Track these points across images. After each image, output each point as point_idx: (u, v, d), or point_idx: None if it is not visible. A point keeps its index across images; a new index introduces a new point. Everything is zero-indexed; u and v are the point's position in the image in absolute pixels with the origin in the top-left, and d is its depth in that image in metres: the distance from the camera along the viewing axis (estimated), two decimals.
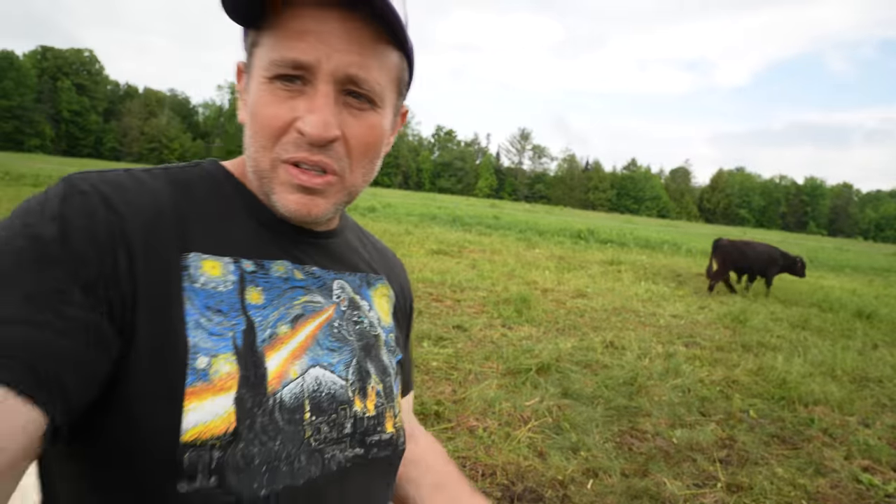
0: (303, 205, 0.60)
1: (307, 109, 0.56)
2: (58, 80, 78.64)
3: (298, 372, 0.61)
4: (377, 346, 0.72)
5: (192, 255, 0.57)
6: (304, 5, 0.56)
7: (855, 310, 8.57)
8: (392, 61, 0.61)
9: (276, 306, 0.62)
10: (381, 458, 0.68)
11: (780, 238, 42.67)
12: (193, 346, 0.54)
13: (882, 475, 3.25)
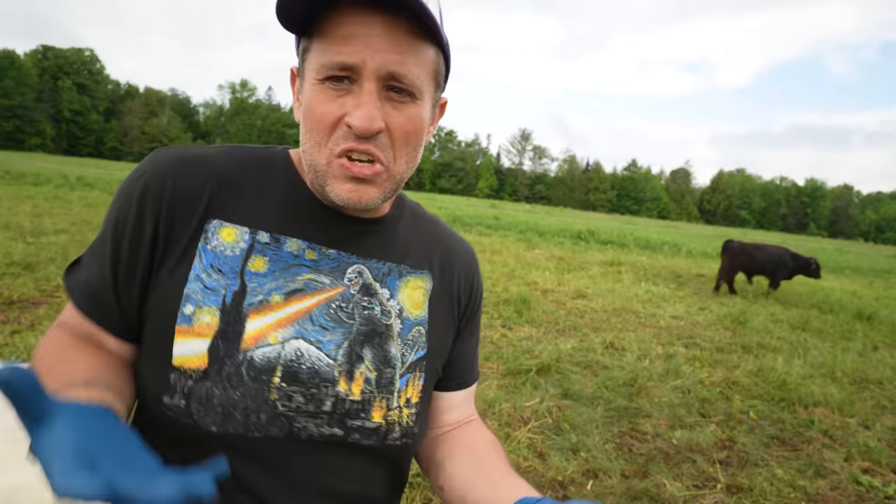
0: (354, 192, 0.66)
1: (354, 105, 0.63)
2: (59, 79, 78.71)
3: (278, 339, 0.68)
4: (386, 335, 0.74)
5: (214, 222, 0.69)
6: (347, 12, 0.62)
7: (855, 311, 8.56)
8: (429, 56, 0.66)
9: (276, 277, 0.69)
10: (363, 444, 0.71)
11: (780, 239, 42.65)
12: (186, 295, 0.67)
13: (882, 477, 3.25)
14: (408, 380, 0.75)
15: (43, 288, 4.96)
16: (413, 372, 0.76)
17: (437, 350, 0.80)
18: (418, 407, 0.77)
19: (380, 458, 0.74)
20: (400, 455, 0.77)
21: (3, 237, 6.85)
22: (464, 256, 0.87)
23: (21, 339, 3.69)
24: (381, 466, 0.75)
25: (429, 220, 0.87)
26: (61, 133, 78.10)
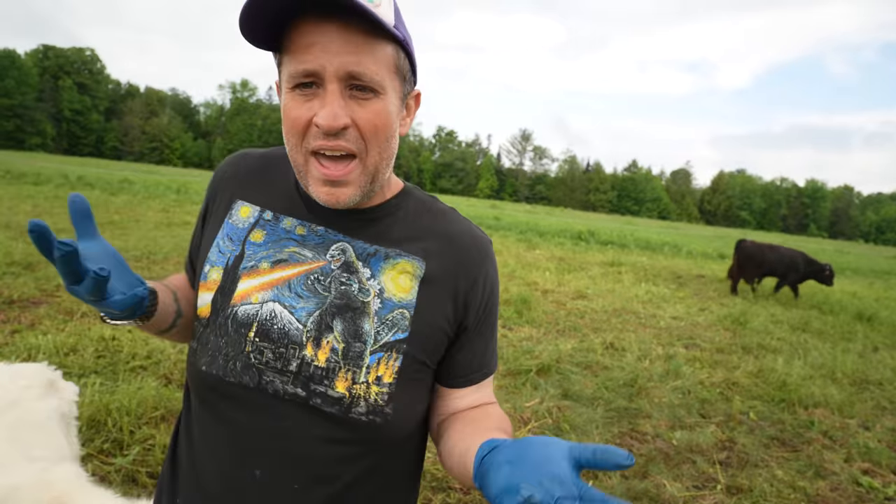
0: (331, 194, 0.74)
1: (320, 106, 0.70)
2: (59, 78, 78.65)
3: (259, 300, 0.79)
4: (360, 311, 0.78)
5: (238, 202, 0.86)
6: (306, 23, 0.69)
7: (855, 312, 8.56)
8: (386, 53, 0.72)
9: (268, 248, 0.81)
10: (325, 411, 0.76)
11: (780, 240, 42.69)
12: (207, 258, 0.84)
13: (882, 478, 3.25)
14: (380, 358, 0.77)
15: (43, 287, 4.96)
16: (388, 352, 0.78)
17: (420, 336, 0.80)
18: (392, 388, 0.77)
19: (343, 429, 0.77)
20: (370, 433, 0.78)
21: (4, 237, 6.85)
22: (472, 250, 0.85)
23: (21, 338, 3.69)
24: (346, 439, 0.77)
25: (438, 213, 0.88)
26: (62, 133, 78.04)
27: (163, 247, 7.54)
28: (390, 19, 0.70)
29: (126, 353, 3.66)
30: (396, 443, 0.83)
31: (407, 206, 0.86)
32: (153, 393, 3.08)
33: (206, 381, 0.79)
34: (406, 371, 0.79)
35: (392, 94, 0.74)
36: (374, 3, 0.68)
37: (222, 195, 0.88)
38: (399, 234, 0.83)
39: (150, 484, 2.41)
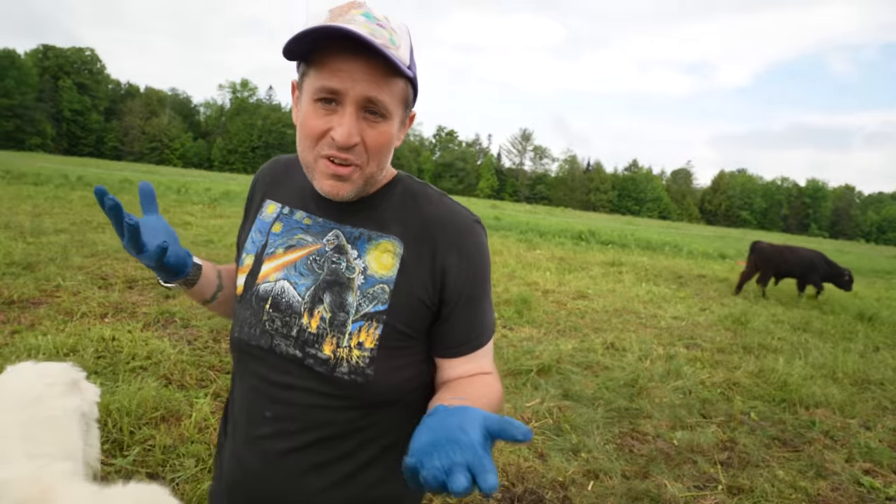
0: (333, 186, 0.87)
1: (338, 123, 0.83)
2: (59, 78, 78.61)
3: (274, 279, 0.96)
4: (346, 286, 0.92)
5: (267, 201, 1.04)
6: (336, 50, 0.81)
7: (856, 312, 8.55)
8: (398, 87, 0.86)
9: (284, 236, 0.98)
10: (316, 370, 0.91)
11: (781, 240, 42.63)
12: (244, 247, 1.03)
13: (883, 478, 3.24)
14: (361, 326, 0.90)
15: (43, 288, 4.96)
16: (368, 321, 0.90)
17: (399, 308, 0.91)
18: (373, 353, 0.90)
19: (329, 385, 0.91)
20: (353, 391, 0.90)
21: (4, 237, 6.84)
22: (448, 228, 0.93)
23: (21, 338, 3.68)
24: (333, 394, 0.91)
25: (423, 197, 0.97)
26: (61, 133, 78.00)
27: None
28: (406, 60, 0.84)
29: (126, 354, 3.66)
30: (382, 402, 0.93)
31: (394, 193, 0.97)
32: (153, 393, 3.08)
33: (237, 345, 0.99)
34: (387, 339, 0.90)
35: (396, 119, 0.88)
36: (395, 45, 0.82)
37: (257, 195, 1.07)
38: (383, 219, 0.94)
39: None
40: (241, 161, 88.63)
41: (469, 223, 0.96)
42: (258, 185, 1.08)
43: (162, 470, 2.52)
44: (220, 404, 3.21)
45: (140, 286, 5.49)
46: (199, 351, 3.96)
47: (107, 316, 4.46)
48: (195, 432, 2.84)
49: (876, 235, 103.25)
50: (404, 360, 0.94)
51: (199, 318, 4.66)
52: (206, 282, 1.03)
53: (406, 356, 0.94)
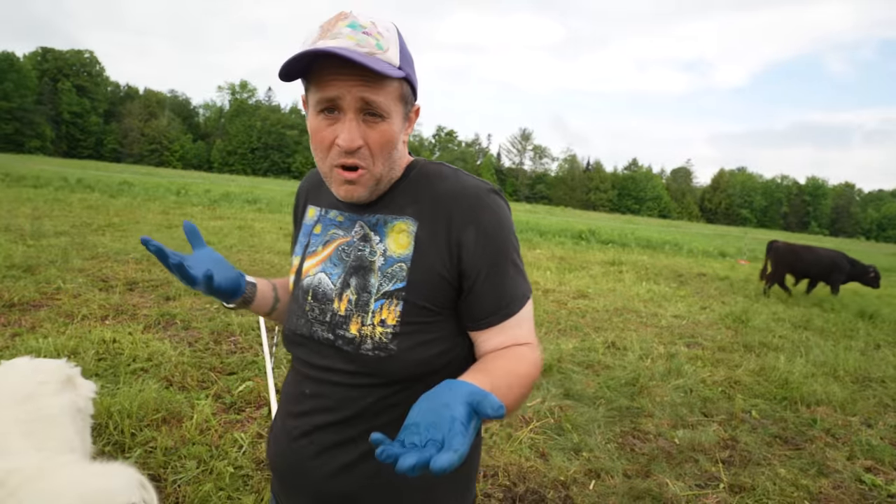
0: (347, 192, 0.95)
1: (341, 131, 0.90)
2: (58, 81, 78.58)
3: (314, 272, 1.04)
4: (369, 269, 0.97)
5: (309, 206, 1.13)
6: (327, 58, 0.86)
7: (857, 310, 8.55)
8: (392, 86, 0.90)
9: (322, 234, 1.06)
10: (345, 350, 0.96)
11: (781, 238, 42.53)
12: (293, 251, 1.13)
13: (885, 475, 3.24)
14: (382, 304, 0.95)
15: (43, 290, 4.96)
16: (389, 299, 0.94)
17: (418, 284, 0.94)
18: (395, 329, 0.94)
19: (356, 363, 0.96)
20: (379, 366, 0.94)
21: (4, 239, 6.85)
22: (462, 201, 0.95)
23: (22, 341, 3.68)
24: (360, 371, 0.96)
25: (437, 175, 1.00)
26: (61, 135, 77.96)
27: None
28: (395, 60, 0.88)
29: (127, 356, 3.66)
30: (410, 377, 0.96)
31: (409, 177, 1.01)
32: (154, 395, 3.08)
33: (287, 335, 1.07)
34: (408, 315, 0.94)
35: (396, 117, 0.92)
36: (382, 49, 0.87)
37: (300, 204, 1.17)
38: (398, 202, 0.99)
39: (152, 486, 2.40)
40: (240, 162, 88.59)
41: (483, 193, 0.96)
42: (301, 195, 1.18)
43: (163, 472, 2.52)
44: (221, 406, 3.21)
45: (140, 288, 5.49)
46: (200, 352, 3.96)
47: (107, 318, 4.46)
48: (196, 434, 2.84)
49: (876, 233, 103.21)
50: (431, 335, 0.96)
51: (199, 320, 4.66)
52: (263, 298, 1.12)
53: (432, 331, 0.96)
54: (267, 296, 1.13)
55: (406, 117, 0.97)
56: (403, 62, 0.91)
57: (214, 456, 2.67)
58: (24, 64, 73.40)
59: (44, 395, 1.74)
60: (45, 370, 1.86)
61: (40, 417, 1.66)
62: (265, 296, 1.13)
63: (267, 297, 1.13)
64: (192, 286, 0.96)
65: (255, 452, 2.75)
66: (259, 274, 5.54)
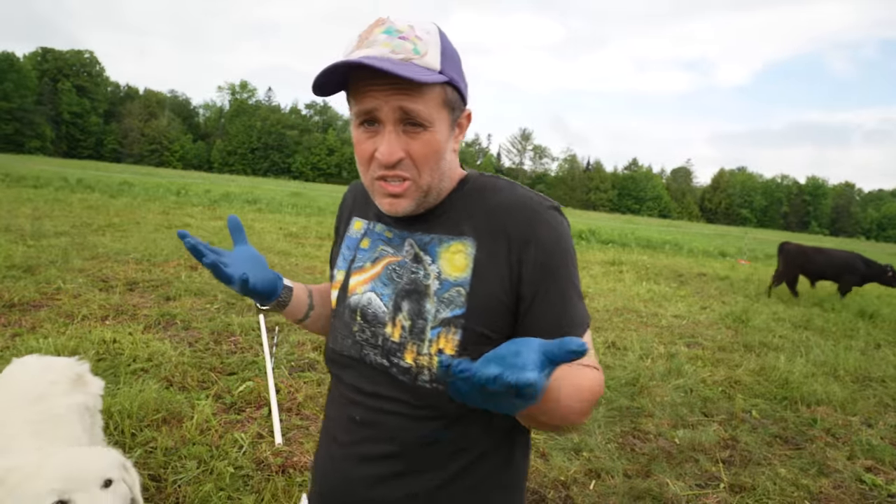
0: (391, 205, 0.89)
1: (380, 143, 0.85)
2: (58, 81, 78.60)
3: (362, 291, 0.98)
4: (424, 293, 0.91)
5: (354, 218, 1.07)
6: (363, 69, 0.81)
7: (857, 310, 8.54)
8: (433, 93, 0.84)
9: (370, 250, 1.00)
10: (399, 379, 0.90)
11: (781, 238, 42.54)
12: (336, 264, 1.06)
13: (885, 475, 3.24)
14: (440, 332, 0.88)
15: (44, 290, 4.96)
16: (447, 327, 0.88)
17: (478, 311, 0.87)
18: (434, 350, 0.88)
19: (413, 394, 0.90)
20: (436, 399, 0.88)
21: (4, 240, 6.85)
22: (519, 218, 0.89)
23: (22, 341, 3.68)
24: (417, 404, 0.90)
25: (490, 190, 0.95)
26: (61, 135, 77.98)
27: (163, 249, 7.53)
28: (435, 64, 0.83)
29: (127, 356, 3.66)
30: (466, 412, 0.88)
31: (462, 192, 0.96)
32: (154, 395, 3.08)
33: (330, 355, 1.03)
34: (467, 343, 0.87)
35: (440, 125, 0.86)
36: (419, 54, 0.81)
37: (345, 213, 1.11)
38: (452, 220, 0.93)
39: (153, 486, 2.40)
40: (240, 162, 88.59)
41: (543, 209, 0.91)
42: (346, 205, 1.12)
43: (164, 472, 2.52)
44: (221, 406, 3.21)
45: (141, 288, 5.49)
46: (201, 353, 3.96)
47: (108, 318, 4.46)
48: (197, 434, 2.84)
49: (876, 233, 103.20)
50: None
51: (199, 321, 4.66)
52: (298, 302, 1.07)
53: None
54: (302, 301, 1.08)
55: (454, 124, 0.90)
56: (446, 65, 0.85)
57: (215, 456, 2.67)
58: (24, 64, 73.40)
59: (54, 395, 1.76)
60: (55, 369, 1.88)
61: (51, 417, 1.67)
62: (300, 301, 1.07)
63: (302, 302, 1.08)
64: (228, 285, 0.91)
65: (256, 452, 2.75)
66: None
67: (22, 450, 1.50)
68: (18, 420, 1.61)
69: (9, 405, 1.67)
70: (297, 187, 37.42)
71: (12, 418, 1.62)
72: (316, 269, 7.60)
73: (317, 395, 3.46)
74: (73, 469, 1.32)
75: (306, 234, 11.61)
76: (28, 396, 1.70)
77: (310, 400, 3.39)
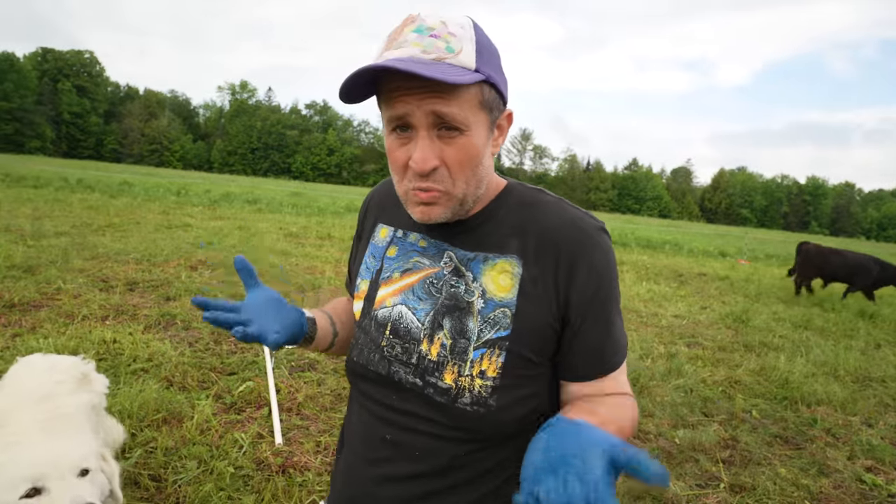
0: (424, 213, 0.84)
1: (414, 150, 0.79)
2: (58, 81, 78.64)
3: (391, 304, 0.92)
4: (466, 310, 0.86)
5: (380, 225, 1.02)
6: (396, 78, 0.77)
7: (857, 309, 8.54)
8: (468, 94, 0.78)
9: (399, 260, 0.95)
10: (437, 400, 0.86)
11: (781, 238, 42.54)
12: (359, 273, 1.02)
13: (885, 475, 3.24)
14: (483, 353, 0.84)
15: (44, 291, 4.96)
16: (490, 348, 0.84)
17: (523, 333, 0.84)
18: (496, 382, 0.84)
19: (450, 416, 0.85)
20: (475, 422, 0.84)
21: (4, 240, 6.85)
22: (571, 240, 0.85)
23: (22, 341, 3.68)
24: (454, 425, 0.86)
25: (538, 206, 0.90)
26: (61, 136, 78.02)
27: (163, 249, 7.53)
28: (471, 62, 0.77)
29: (127, 356, 3.66)
30: (506, 433, 0.87)
31: (507, 205, 0.91)
32: (155, 395, 3.08)
33: (354, 369, 0.97)
34: (510, 366, 0.84)
35: (478, 128, 0.80)
36: (453, 52, 0.76)
37: (369, 219, 1.06)
38: (497, 236, 0.89)
39: (153, 486, 2.40)
40: (240, 162, 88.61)
41: (594, 231, 0.87)
42: (369, 209, 1.07)
43: (164, 472, 2.52)
44: (221, 406, 3.21)
45: (141, 288, 5.49)
46: (201, 353, 3.96)
47: (108, 318, 4.46)
48: (197, 434, 2.84)
49: (876, 232, 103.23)
50: (528, 390, 0.87)
51: (199, 320, 4.66)
52: (323, 334, 1.02)
53: (530, 385, 0.87)
54: (327, 331, 1.03)
55: (493, 126, 0.84)
56: (482, 62, 0.78)
57: (215, 456, 2.67)
58: (24, 64, 73.41)
59: (61, 395, 1.78)
60: (61, 368, 1.90)
61: (57, 416, 1.69)
62: (325, 331, 1.02)
63: (327, 332, 1.03)
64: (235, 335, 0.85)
65: (256, 452, 2.75)
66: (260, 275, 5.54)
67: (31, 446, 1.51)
68: (28, 419, 1.63)
69: (16, 404, 1.69)
70: (297, 187, 37.42)
71: (20, 417, 1.63)
72: (316, 269, 7.60)
73: (317, 395, 3.46)
74: (48, 458, 1.33)
75: (306, 234, 11.61)
76: (36, 396, 1.72)
77: (310, 400, 3.39)
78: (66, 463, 1.34)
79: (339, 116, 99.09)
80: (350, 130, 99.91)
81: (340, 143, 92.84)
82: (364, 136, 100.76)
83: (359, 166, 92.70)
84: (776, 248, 23.45)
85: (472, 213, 0.90)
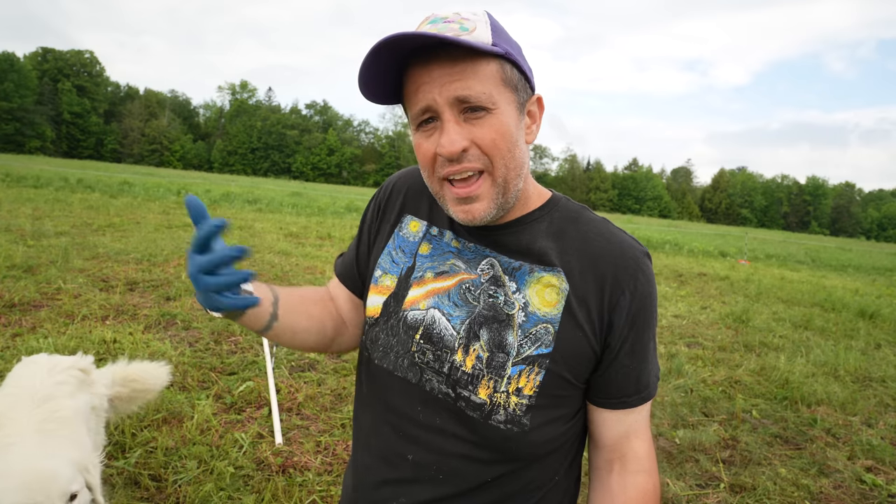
0: (466, 212, 0.80)
1: (441, 137, 0.76)
2: (58, 81, 78.69)
3: (424, 306, 0.86)
4: (506, 323, 0.82)
5: (408, 216, 0.95)
6: (413, 70, 0.77)
7: (857, 310, 8.53)
8: (489, 69, 0.75)
9: (433, 259, 0.90)
10: (468, 415, 0.81)
11: (781, 238, 42.52)
12: (378, 264, 0.94)
13: (885, 475, 3.24)
14: (521, 370, 0.80)
15: (44, 291, 4.96)
16: (529, 365, 0.80)
17: (565, 353, 0.80)
18: (531, 401, 0.80)
19: (481, 433, 0.81)
20: (507, 442, 0.81)
21: (4, 240, 6.85)
22: (621, 262, 0.82)
23: (23, 341, 3.68)
24: (484, 444, 0.82)
25: (584, 224, 0.87)
26: (61, 135, 78.04)
27: (163, 249, 7.53)
28: (486, 39, 0.74)
29: (127, 356, 3.66)
30: (536, 455, 0.84)
31: (552, 217, 0.88)
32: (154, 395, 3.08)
33: (377, 374, 0.90)
34: (548, 386, 0.80)
35: (506, 106, 0.77)
36: (468, 29, 0.74)
37: (392, 208, 0.98)
38: (542, 248, 0.85)
39: (153, 486, 2.40)
40: (240, 162, 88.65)
41: (640, 259, 0.84)
42: (393, 193, 0.99)
43: (164, 472, 2.52)
44: (221, 406, 3.21)
45: (141, 288, 5.49)
46: (201, 353, 3.96)
47: (108, 318, 4.46)
48: (197, 434, 2.84)
49: (877, 232, 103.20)
50: (561, 411, 0.84)
51: (200, 320, 4.66)
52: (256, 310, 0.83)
53: (563, 406, 0.84)
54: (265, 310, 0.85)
55: (521, 109, 0.81)
56: (499, 39, 0.76)
57: (215, 456, 2.67)
58: (25, 64, 73.39)
59: (61, 397, 1.78)
60: (62, 369, 1.90)
61: (56, 418, 1.70)
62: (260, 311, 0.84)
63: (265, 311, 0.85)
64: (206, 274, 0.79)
65: (256, 452, 2.75)
66: (260, 275, 5.54)
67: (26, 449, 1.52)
68: (26, 421, 1.63)
69: (15, 405, 1.70)
70: (298, 187, 37.40)
71: (18, 419, 1.64)
72: (316, 269, 7.60)
73: (317, 395, 3.45)
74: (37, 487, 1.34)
75: (306, 234, 11.61)
76: (36, 398, 1.73)
77: (310, 400, 3.39)
78: (55, 491, 1.35)
79: (339, 116, 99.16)
80: (350, 130, 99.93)
81: (340, 143, 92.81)
82: (364, 136, 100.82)
83: (359, 166, 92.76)
84: (776, 248, 23.45)
85: (513, 217, 0.86)
